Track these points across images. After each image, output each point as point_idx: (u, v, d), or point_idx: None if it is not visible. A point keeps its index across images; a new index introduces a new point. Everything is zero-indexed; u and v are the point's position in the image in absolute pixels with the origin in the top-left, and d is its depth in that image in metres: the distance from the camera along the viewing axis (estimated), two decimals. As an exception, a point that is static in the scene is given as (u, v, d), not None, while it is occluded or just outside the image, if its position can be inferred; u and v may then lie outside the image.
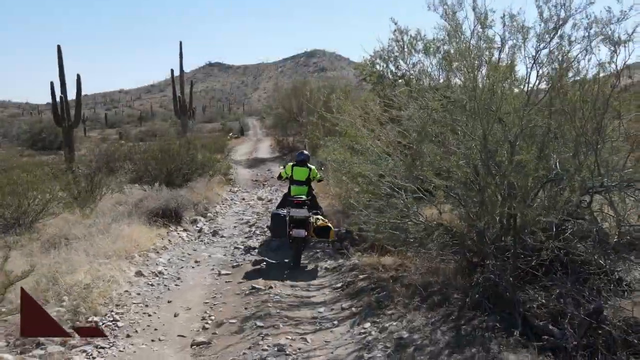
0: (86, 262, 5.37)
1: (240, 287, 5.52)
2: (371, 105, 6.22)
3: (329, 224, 6.49)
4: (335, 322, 4.37)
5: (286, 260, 6.46)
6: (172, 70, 28.01)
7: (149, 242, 6.34)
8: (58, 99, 18.28)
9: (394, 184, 4.86)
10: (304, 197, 6.85)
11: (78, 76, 18.67)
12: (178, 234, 7.42)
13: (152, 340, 4.14)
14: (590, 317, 3.31)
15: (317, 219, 6.53)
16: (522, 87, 4.37)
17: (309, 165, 7.19)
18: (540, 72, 4.19)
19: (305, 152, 7.54)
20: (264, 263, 6.38)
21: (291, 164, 7.31)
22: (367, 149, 5.03)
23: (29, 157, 24.87)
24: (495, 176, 4.06)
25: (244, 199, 12.26)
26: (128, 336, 4.16)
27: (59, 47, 18.07)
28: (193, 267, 6.18)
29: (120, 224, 6.72)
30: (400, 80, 9.52)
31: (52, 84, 18.23)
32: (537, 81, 4.24)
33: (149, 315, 4.64)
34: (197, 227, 8.34)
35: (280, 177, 7.47)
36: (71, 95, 18.95)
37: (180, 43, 27.35)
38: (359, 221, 5.45)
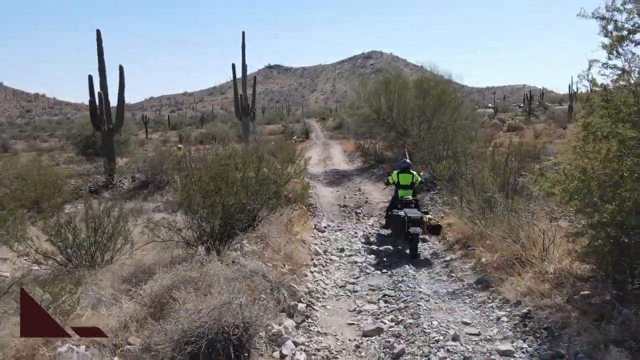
0: None
1: None
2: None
3: (440, 223, 7.74)
4: None
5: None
6: (233, 65, 24.10)
7: None
8: (97, 97, 14.75)
9: None
10: (411, 197, 8.27)
11: (120, 67, 14.91)
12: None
13: None
14: None
15: (430, 218, 7.71)
16: None
17: (411, 171, 8.63)
18: None
19: (407, 160, 8.86)
20: None
21: (396, 171, 8.72)
22: None
23: (75, 165, 22.02)
24: None
25: (343, 250, 7.65)
26: None
27: (98, 32, 14.45)
28: None
29: None
30: None
31: (90, 78, 14.68)
32: None
33: None
34: (280, 355, 3.82)
35: (387, 183, 8.93)
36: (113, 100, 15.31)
37: (243, 33, 23.50)
38: None
